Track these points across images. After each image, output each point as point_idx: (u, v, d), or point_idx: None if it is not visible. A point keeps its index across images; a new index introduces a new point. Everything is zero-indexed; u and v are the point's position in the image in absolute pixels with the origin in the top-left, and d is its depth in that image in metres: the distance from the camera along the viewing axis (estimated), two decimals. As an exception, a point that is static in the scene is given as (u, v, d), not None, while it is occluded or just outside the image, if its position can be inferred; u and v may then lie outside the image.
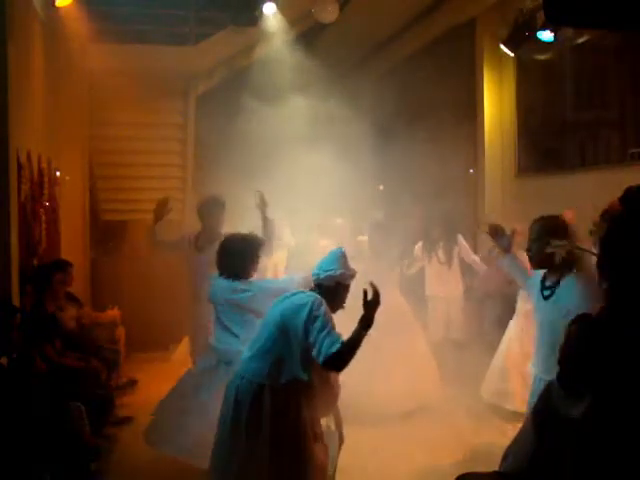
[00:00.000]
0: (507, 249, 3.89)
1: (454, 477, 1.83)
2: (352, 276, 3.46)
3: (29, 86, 5.73)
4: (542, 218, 3.62)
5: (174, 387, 4.56)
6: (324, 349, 3.10)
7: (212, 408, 3.72)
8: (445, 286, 6.77)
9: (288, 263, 7.29)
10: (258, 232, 4.61)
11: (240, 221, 5.49)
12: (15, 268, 4.77)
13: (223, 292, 4.23)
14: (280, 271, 8.16)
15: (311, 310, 3.19)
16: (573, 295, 3.27)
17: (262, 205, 4.91)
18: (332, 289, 3.39)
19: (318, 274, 3.40)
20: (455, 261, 6.79)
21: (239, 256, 4.24)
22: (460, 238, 6.86)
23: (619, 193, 4.15)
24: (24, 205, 5.24)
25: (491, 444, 4.88)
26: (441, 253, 6.82)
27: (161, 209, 5.34)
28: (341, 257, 3.47)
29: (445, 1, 8.41)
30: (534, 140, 8.39)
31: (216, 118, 8.93)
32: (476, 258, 6.81)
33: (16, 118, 4.86)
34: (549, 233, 3.46)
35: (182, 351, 7.17)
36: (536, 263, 3.55)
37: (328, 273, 3.38)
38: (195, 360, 5.10)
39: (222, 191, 5.63)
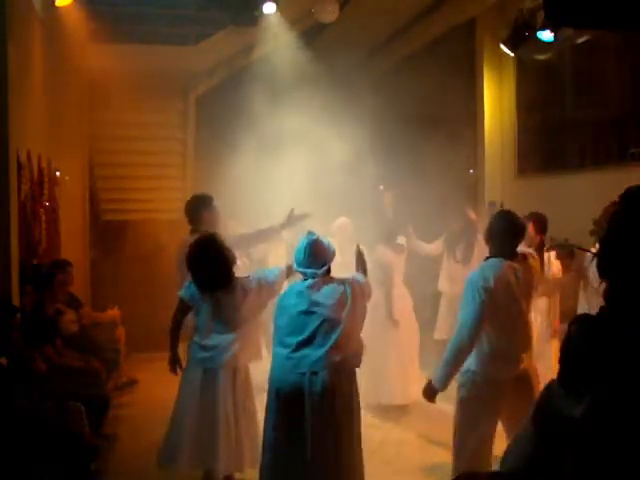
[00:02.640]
0: None
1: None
2: (334, 256, 3.80)
3: (29, 86, 5.73)
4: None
5: None
6: None
7: None
8: (456, 285, 6.72)
9: (289, 257, 7.26)
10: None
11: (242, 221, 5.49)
12: (15, 268, 4.77)
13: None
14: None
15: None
16: None
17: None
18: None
19: (315, 272, 3.66)
20: (474, 260, 6.69)
21: (217, 266, 4.14)
22: (480, 236, 6.77)
23: (619, 193, 4.16)
24: (24, 205, 5.23)
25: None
26: (459, 251, 6.75)
27: None
28: (324, 246, 3.74)
29: (445, 1, 8.40)
30: (534, 140, 8.39)
31: (216, 118, 8.94)
32: None
33: (16, 118, 4.86)
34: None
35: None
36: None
37: (325, 267, 3.70)
38: None
39: (221, 191, 5.56)
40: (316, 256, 3.68)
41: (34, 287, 5.25)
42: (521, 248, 3.87)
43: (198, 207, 5.03)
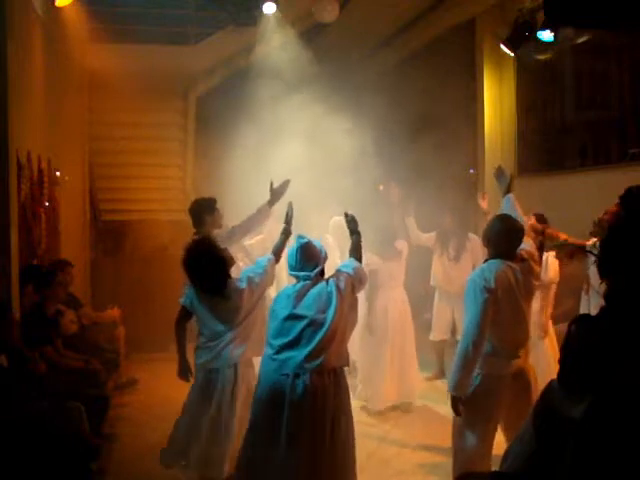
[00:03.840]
0: (506, 190, 4.26)
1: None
2: (326, 258, 3.83)
3: (29, 86, 5.72)
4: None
5: None
6: None
7: None
8: (450, 283, 6.71)
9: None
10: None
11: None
12: (15, 268, 4.77)
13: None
14: (283, 268, 8.14)
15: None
16: None
17: (288, 218, 4.56)
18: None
19: (308, 275, 3.69)
20: (465, 257, 6.67)
21: (216, 271, 4.14)
22: (472, 235, 6.75)
23: (619, 193, 4.17)
24: (24, 205, 5.23)
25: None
26: (451, 249, 6.73)
27: None
28: (316, 249, 3.75)
29: (445, 1, 8.41)
30: (534, 140, 8.39)
31: (216, 118, 8.93)
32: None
33: (16, 118, 4.85)
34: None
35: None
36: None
37: (318, 269, 3.73)
38: None
39: (221, 191, 5.56)
40: (308, 259, 3.71)
41: (34, 287, 5.25)
42: (525, 246, 3.86)
43: (201, 210, 5.11)
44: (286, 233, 4.42)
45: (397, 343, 6.02)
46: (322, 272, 3.79)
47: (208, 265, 4.11)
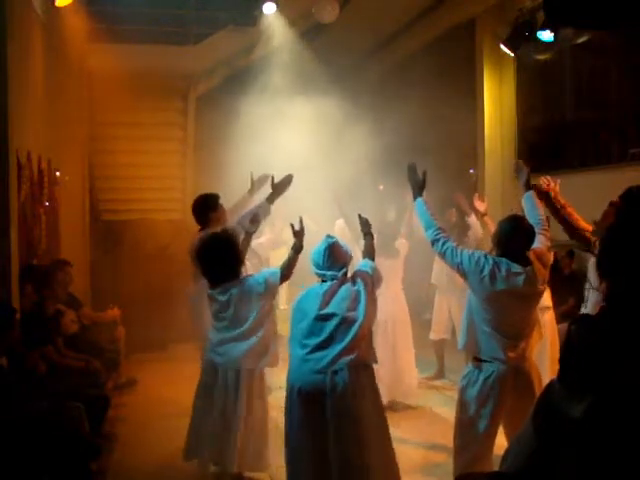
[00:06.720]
0: (526, 186, 4.13)
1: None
2: (351, 259, 3.87)
3: (29, 86, 5.73)
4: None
5: None
6: None
7: None
8: (451, 281, 6.66)
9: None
10: None
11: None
12: (15, 268, 4.77)
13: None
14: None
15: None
16: None
17: (299, 233, 4.33)
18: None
19: (335, 275, 3.70)
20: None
21: (225, 260, 4.18)
22: (472, 218, 6.66)
23: (619, 193, 4.16)
24: (24, 205, 5.24)
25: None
26: None
27: None
28: (342, 249, 3.76)
29: (445, 1, 8.41)
30: (534, 140, 8.39)
31: (216, 118, 8.94)
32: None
33: (16, 118, 4.86)
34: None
35: (180, 350, 7.20)
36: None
37: (345, 270, 3.73)
38: None
39: (221, 191, 5.52)
40: (335, 259, 3.71)
41: (34, 287, 5.25)
42: (539, 246, 3.83)
43: (205, 207, 5.06)
44: (297, 249, 4.24)
45: (390, 342, 5.98)
46: (346, 272, 3.80)
47: (220, 253, 4.15)
